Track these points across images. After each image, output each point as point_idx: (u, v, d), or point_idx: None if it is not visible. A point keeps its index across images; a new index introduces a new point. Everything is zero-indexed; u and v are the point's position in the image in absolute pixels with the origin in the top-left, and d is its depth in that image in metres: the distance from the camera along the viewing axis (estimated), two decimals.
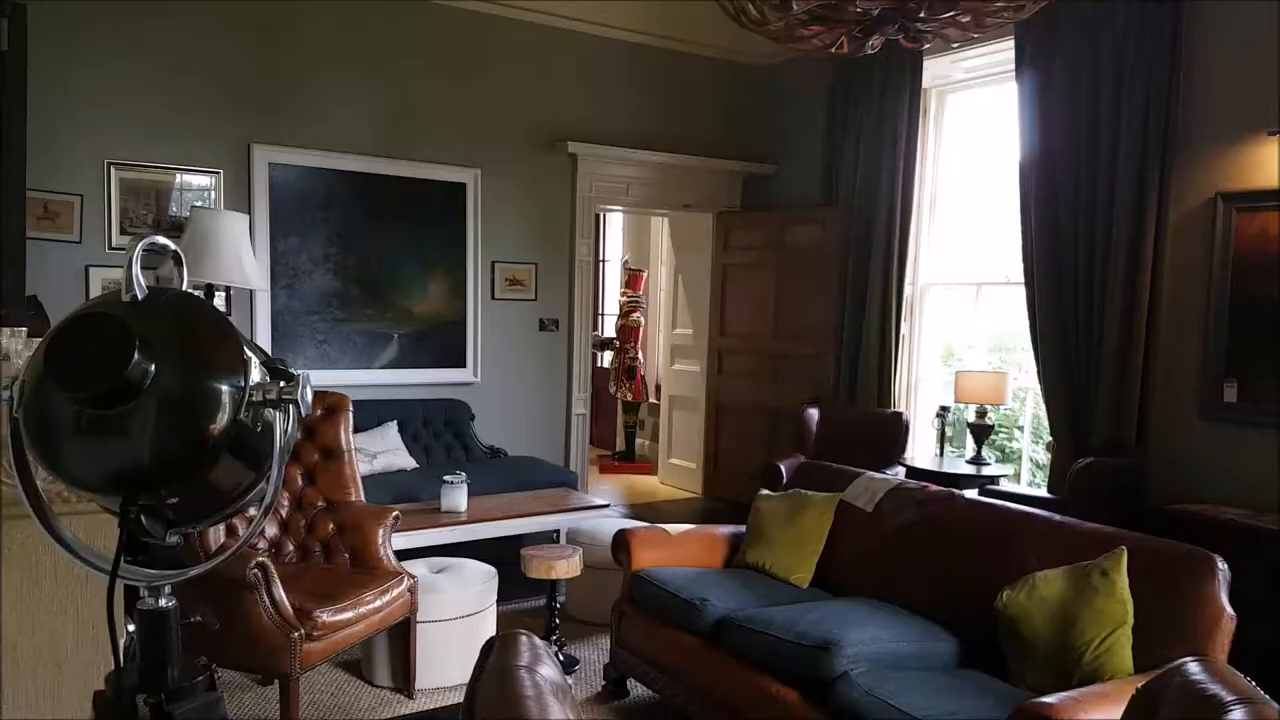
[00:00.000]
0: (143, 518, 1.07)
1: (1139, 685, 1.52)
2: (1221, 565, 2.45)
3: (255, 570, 2.90)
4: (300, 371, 1.08)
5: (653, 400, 8.48)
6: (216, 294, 4.76)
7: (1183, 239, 4.43)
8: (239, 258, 4.43)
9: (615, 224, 9.61)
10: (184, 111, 4.93)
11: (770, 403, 6.58)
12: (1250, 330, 4.18)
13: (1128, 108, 4.45)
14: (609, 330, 9.11)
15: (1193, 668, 1.32)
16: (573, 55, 6.14)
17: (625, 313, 8.48)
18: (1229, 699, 1.18)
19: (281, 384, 1.08)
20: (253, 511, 1.16)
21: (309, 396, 1.08)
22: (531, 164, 6.06)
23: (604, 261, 9.64)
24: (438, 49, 5.65)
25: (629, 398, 8.47)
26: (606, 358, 8.80)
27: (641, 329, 8.50)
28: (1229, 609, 2.40)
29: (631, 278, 8.53)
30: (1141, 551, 2.55)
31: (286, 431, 1.13)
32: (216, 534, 3.06)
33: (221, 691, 1.19)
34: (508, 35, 5.88)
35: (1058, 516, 2.98)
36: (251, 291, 5.05)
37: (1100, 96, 4.57)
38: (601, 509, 4.81)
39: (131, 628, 1.14)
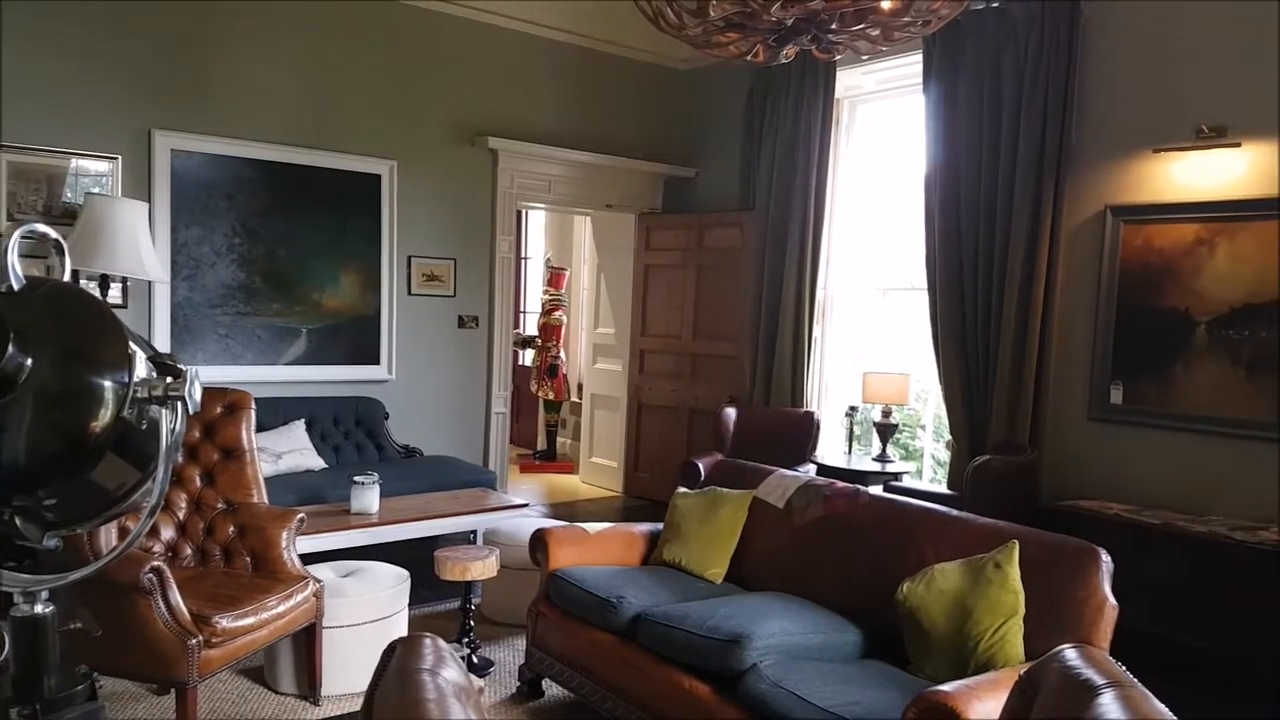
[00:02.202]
0: (17, 519, 1.02)
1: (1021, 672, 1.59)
2: (1105, 558, 2.58)
3: (150, 575, 2.79)
4: (188, 367, 1.05)
5: (575, 399, 8.47)
6: (113, 285, 4.56)
7: (1074, 249, 4.65)
8: (136, 247, 4.25)
9: (537, 221, 9.56)
10: (79, 93, 4.70)
11: (690, 402, 6.67)
12: (1135, 336, 4.42)
13: (1026, 123, 4.65)
14: (531, 328, 9.06)
15: (1069, 654, 1.40)
16: (495, 51, 6.09)
17: (547, 311, 8.45)
18: (1100, 683, 1.25)
19: (168, 380, 1.05)
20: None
21: (198, 393, 1.05)
22: (451, 158, 5.97)
23: (526, 259, 9.58)
24: (352, 36, 5.52)
25: (551, 396, 8.44)
26: (528, 356, 8.75)
27: (564, 327, 8.48)
28: (1112, 599, 2.53)
29: (554, 276, 8.51)
30: (1032, 545, 2.67)
31: (174, 429, 1.09)
32: (108, 536, 2.93)
33: (102, 701, 1.15)
34: (427, 26, 5.79)
35: (955, 512, 3.09)
36: (150, 283, 4.85)
37: (1001, 111, 4.77)
38: (520, 509, 4.77)
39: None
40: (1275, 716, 3.40)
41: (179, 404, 1.09)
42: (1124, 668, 1.37)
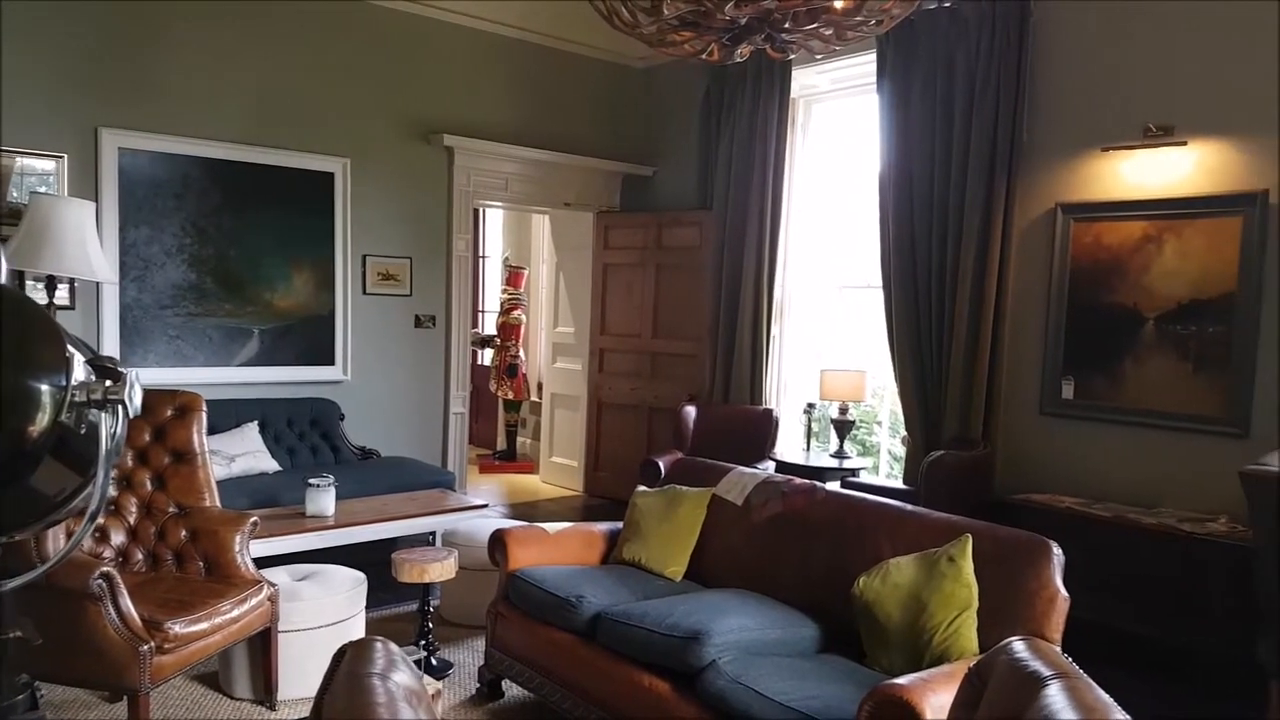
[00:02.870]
0: None
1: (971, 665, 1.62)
2: (1056, 550, 2.62)
3: (99, 581, 2.73)
4: (128, 370, 1.02)
5: (534, 398, 8.44)
6: (59, 286, 4.44)
7: (1026, 246, 4.74)
8: (84, 248, 4.14)
9: (495, 220, 9.51)
10: (23, 90, 4.56)
11: (650, 401, 6.67)
12: (1085, 332, 4.52)
13: (978, 121, 4.72)
14: (490, 327, 9.00)
15: (1017, 646, 1.43)
16: (449, 48, 6.04)
17: (506, 310, 8.40)
18: (1047, 674, 1.28)
19: (107, 383, 1.02)
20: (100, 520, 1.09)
21: (138, 397, 1.02)
22: (405, 156, 5.91)
23: (484, 258, 9.52)
24: (303, 33, 5.44)
25: (510, 396, 8.39)
26: (487, 355, 8.69)
27: (523, 326, 8.44)
28: (1063, 591, 2.57)
29: (512, 275, 8.46)
30: (985, 539, 2.71)
31: (115, 434, 1.07)
32: (56, 541, 2.85)
33: (44, 711, 1.12)
34: (380, 22, 5.72)
35: (910, 506, 3.13)
36: (98, 284, 4.74)
37: (953, 110, 4.84)
38: (479, 509, 4.75)
39: None
40: (1221, 704, 3.49)
41: (119, 407, 1.06)
42: (1070, 659, 1.40)
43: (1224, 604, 3.54)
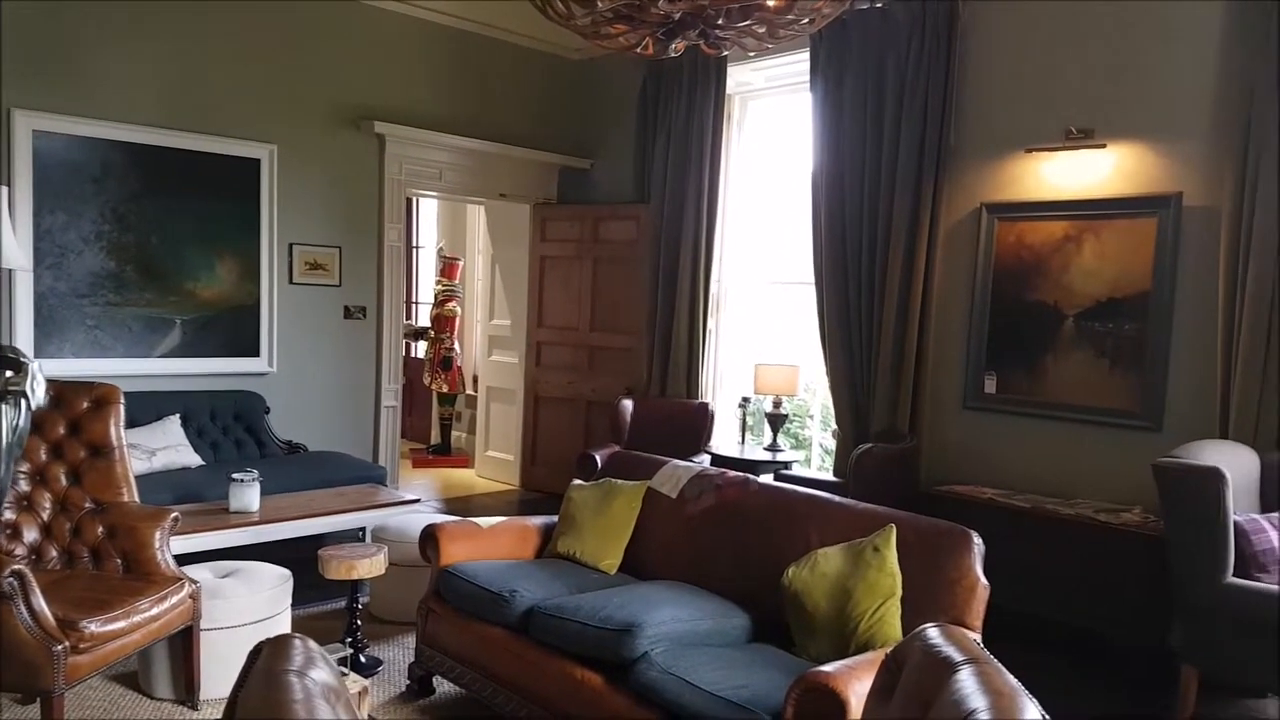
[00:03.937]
0: None
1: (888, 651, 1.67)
2: (977, 540, 2.70)
3: (10, 579, 2.63)
4: (29, 360, 0.99)
5: (470, 392, 8.36)
6: None
7: (952, 245, 4.86)
8: None
9: (429, 210, 9.37)
10: None
11: (587, 394, 6.67)
12: (1007, 328, 4.65)
13: (907, 121, 4.82)
14: (424, 319, 8.87)
15: (931, 633, 1.47)
16: (381, 33, 5.93)
17: (441, 302, 8.29)
18: (959, 659, 1.33)
19: (8, 374, 0.99)
20: (9, 515, 1.05)
21: (40, 388, 0.99)
22: (335, 142, 5.79)
23: (418, 248, 9.38)
24: (229, 14, 5.28)
25: (445, 389, 8.29)
26: (421, 348, 8.57)
27: (458, 319, 8.34)
28: (983, 579, 2.65)
29: (447, 266, 8.35)
30: (909, 529, 2.78)
31: (16, 425, 1.03)
32: None
33: None
34: (310, 6, 5.58)
35: (838, 498, 3.19)
36: (10, 271, 4.53)
37: (884, 109, 4.93)
38: (411, 504, 4.69)
39: None
40: (1135, 688, 3.65)
41: (20, 399, 1.02)
42: (981, 645, 1.45)
43: (1138, 592, 3.68)
